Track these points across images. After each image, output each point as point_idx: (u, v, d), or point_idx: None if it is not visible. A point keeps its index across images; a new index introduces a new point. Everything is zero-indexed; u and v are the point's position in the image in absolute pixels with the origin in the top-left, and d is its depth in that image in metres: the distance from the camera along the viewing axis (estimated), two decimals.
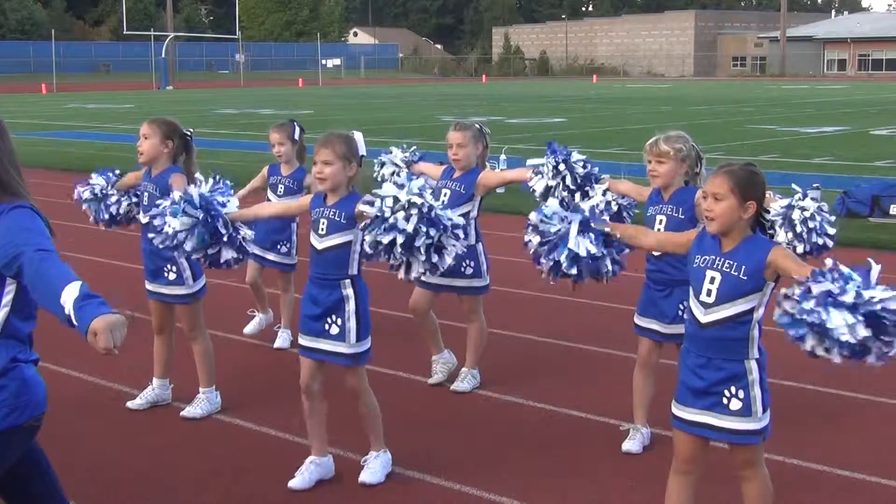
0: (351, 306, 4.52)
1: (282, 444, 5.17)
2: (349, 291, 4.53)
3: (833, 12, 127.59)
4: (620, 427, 5.22)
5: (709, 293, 3.70)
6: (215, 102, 43.59)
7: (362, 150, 4.57)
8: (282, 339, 6.94)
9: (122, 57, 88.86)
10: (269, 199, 6.79)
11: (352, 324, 4.52)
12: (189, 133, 5.51)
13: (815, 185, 13.19)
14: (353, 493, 4.60)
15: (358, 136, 4.60)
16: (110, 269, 9.26)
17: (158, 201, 4.93)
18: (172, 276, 5.44)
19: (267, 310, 7.16)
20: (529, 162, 5.39)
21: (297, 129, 6.82)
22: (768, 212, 3.79)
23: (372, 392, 4.73)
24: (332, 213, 4.52)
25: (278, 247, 6.86)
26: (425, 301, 5.99)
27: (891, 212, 11.76)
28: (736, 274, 3.65)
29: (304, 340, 4.63)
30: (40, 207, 3.08)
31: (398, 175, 6.20)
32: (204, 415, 5.54)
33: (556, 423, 5.50)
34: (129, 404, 5.63)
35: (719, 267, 3.69)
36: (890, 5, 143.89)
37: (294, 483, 4.63)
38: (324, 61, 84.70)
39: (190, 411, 5.54)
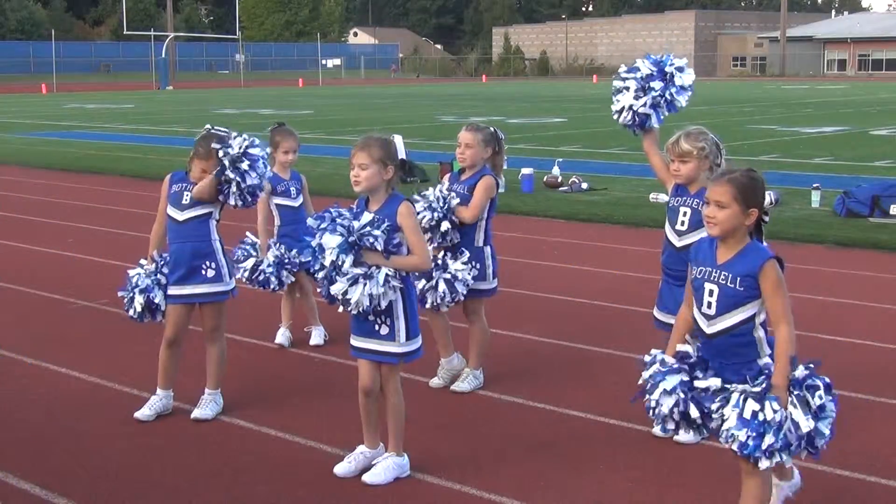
0: (399, 306, 4.57)
1: (282, 444, 5.16)
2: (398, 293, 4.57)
3: (833, 12, 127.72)
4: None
5: (709, 305, 3.76)
6: (215, 102, 43.60)
7: (402, 154, 4.57)
8: (282, 337, 6.94)
9: (122, 57, 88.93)
10: (275, 204, 6.78)
11: (401, 323, 4.58)
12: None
13: (815, 186, 13.24)
14: (353, 492, 4.60)
15: (397, 139, 4.59)
16: (110, 268, 9.26)
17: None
18: (211, 273, 5.41)
19: (318, 321, 7.02)
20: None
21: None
22: (767, 213, 3.82)
23: (401, 392, 4.75)
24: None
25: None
26: None
27: (891, 212, 11.75)
28: (732, 286, 3.70)
29: (356, 341, 4.67)
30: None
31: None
32: (213, 416, 5.52)
33: (556, 423, 5.50)
34: (138, 415, 5.47)
35: (716, 279, 3.74)
36: (890, 5, 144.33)
37: (339, 469, 4.74)
38: (324, 61, 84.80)
39: (201, 413, 5.51)
